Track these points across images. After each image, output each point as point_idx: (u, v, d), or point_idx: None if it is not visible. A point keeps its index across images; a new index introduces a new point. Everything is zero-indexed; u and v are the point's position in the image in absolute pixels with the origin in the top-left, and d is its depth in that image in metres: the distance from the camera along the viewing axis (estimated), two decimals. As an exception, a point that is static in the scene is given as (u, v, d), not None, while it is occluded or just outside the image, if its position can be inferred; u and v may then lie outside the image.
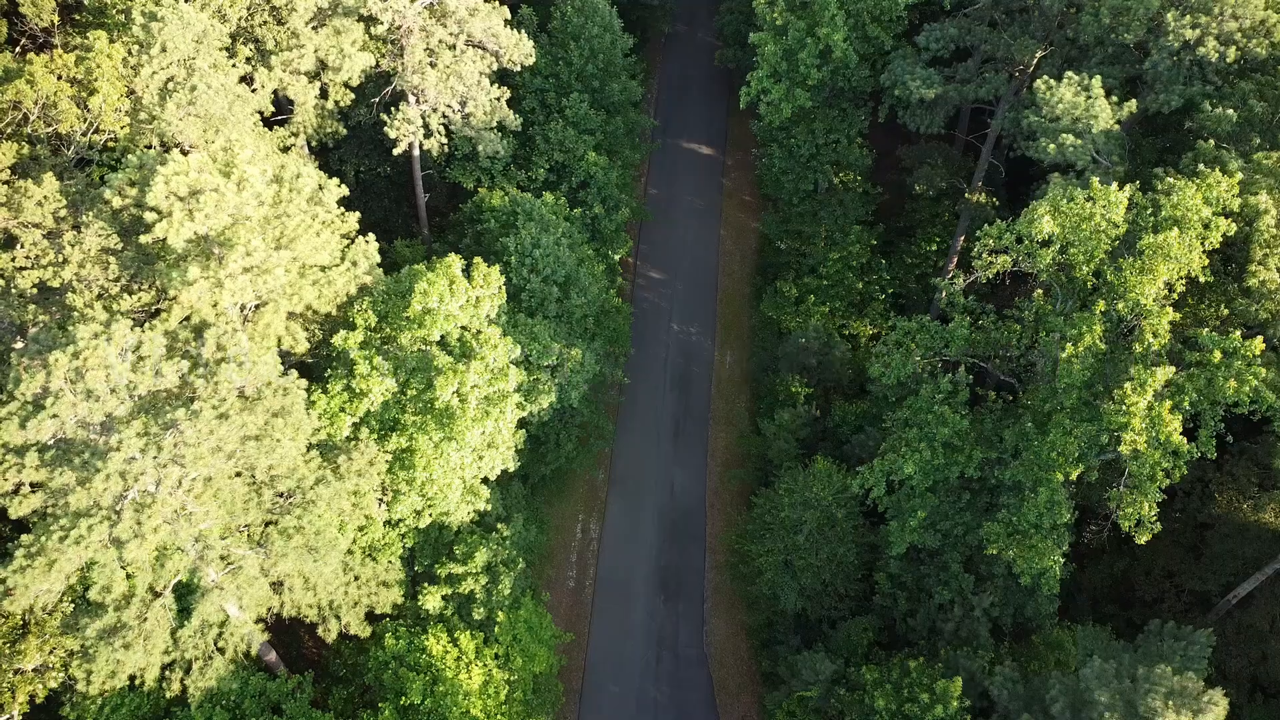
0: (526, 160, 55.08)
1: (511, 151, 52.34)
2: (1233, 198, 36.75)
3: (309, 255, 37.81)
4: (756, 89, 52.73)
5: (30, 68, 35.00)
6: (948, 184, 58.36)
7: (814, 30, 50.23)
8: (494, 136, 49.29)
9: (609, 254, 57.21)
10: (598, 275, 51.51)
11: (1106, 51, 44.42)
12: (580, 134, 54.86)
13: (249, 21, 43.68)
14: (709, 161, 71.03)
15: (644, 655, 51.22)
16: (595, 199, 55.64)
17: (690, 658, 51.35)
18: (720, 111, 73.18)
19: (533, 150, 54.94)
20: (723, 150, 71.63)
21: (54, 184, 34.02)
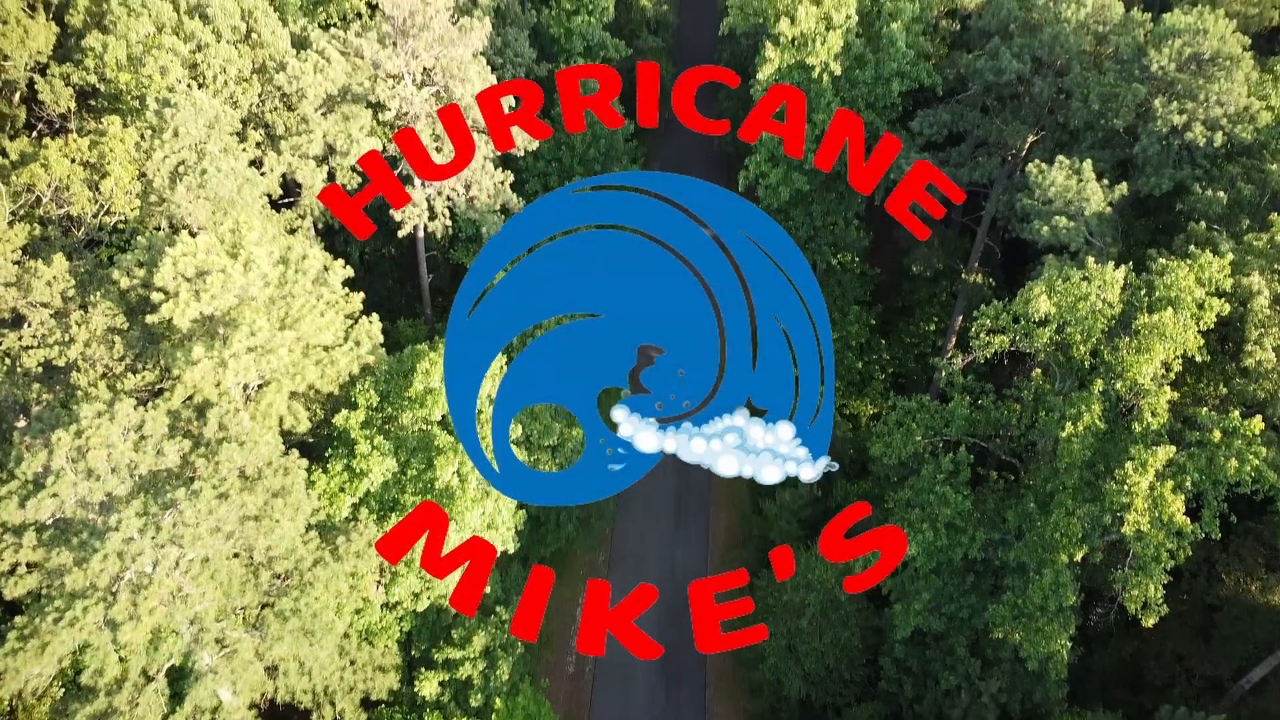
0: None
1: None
2: (1225, 278, 37.28)
3: (313, 335, 38.15)
4: (755, 172, 53.81)
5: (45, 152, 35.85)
6: (945, 265, 59.13)
7: (810, 116, 51.50)
8: (497, 219, 50.11)
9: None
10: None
11: (1097, 136, 45.51)
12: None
13: (260, 107, 44.84)
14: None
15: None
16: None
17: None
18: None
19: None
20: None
21: (63, 264, 34.54)
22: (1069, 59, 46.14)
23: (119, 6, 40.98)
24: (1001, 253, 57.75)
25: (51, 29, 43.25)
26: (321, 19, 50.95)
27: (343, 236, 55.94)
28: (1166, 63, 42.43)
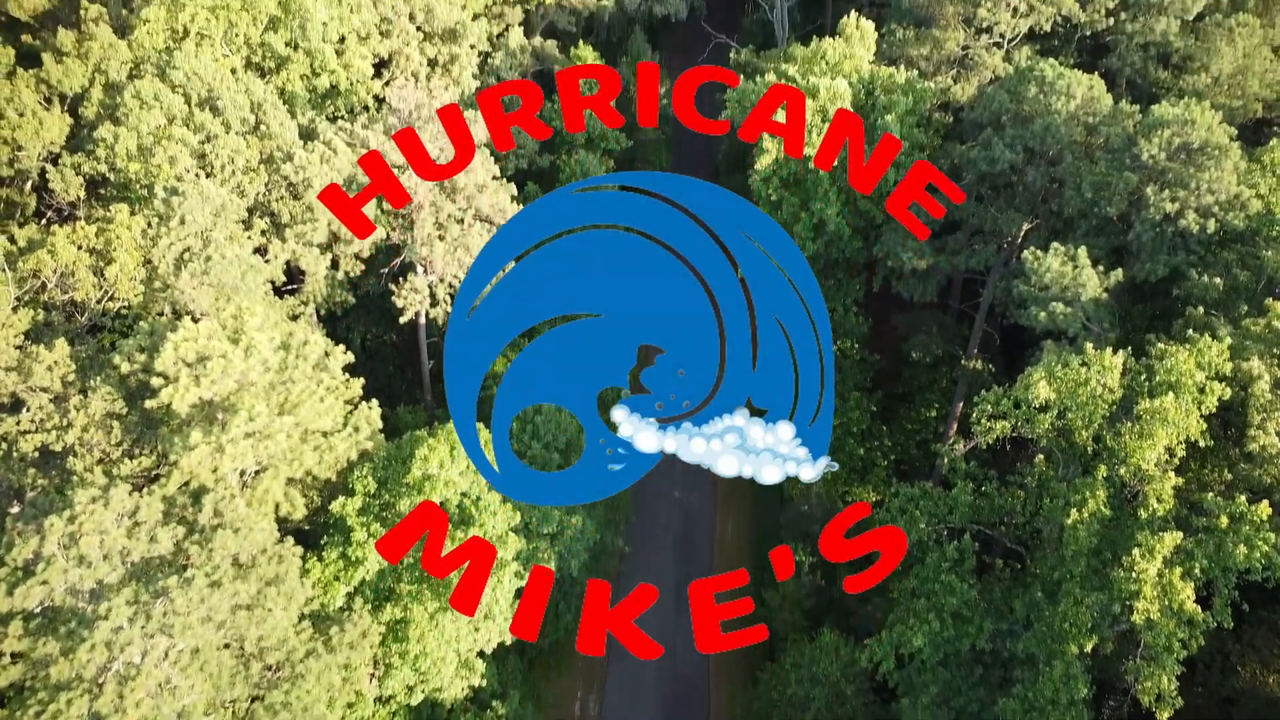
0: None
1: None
2: (1225, 362, 37.32)
3: (311, 421, 38.02)
4: (754, 260, 54.30)
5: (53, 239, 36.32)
6: (944, 351, 59.30)
7: (808, 205, 52.34)
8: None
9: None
10: (599, 441, 51.47)
11: (1091, 224, 46.14)
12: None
13: (266, 196, 45.60)
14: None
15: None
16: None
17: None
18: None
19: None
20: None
21: (65, 349, 34.65)
22: (1061, 149, 47.09)
23: (131, 99, 42.04)
24: (1000, 339, 57.97)
25: (65, 120, 44.32)
26: (329, 112, 52.20)
27: (344, 323, 56.27)
28: (1157, 152, 43.28)
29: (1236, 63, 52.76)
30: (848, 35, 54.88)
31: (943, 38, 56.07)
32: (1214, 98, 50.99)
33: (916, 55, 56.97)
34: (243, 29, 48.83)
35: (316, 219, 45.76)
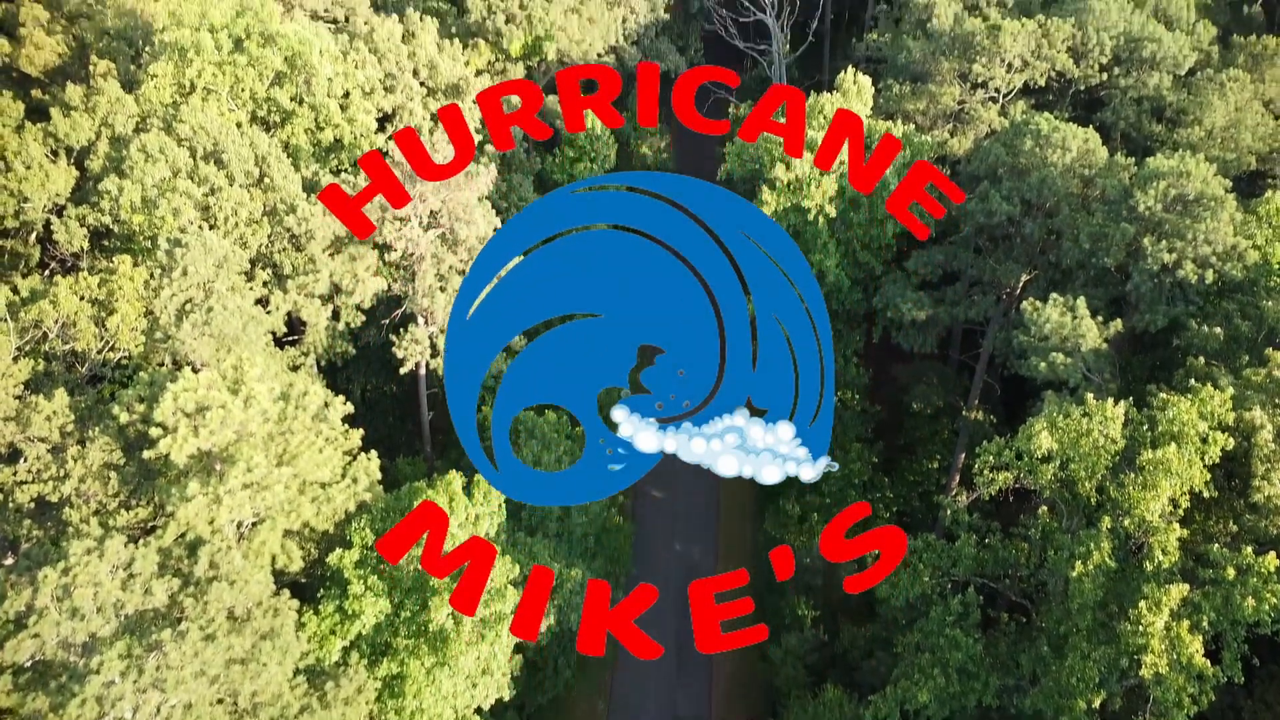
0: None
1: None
2: (1227, 412, 37.21)
3: (310, 472, 37.81)
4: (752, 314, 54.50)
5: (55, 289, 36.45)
6: (945, 402, 59.20)
7: (807, 257, 52.63)
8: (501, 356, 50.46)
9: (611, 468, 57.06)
10: (599, 491, 51.17)
11: (1089, 274, 46.36)
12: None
13: (269, 248, 45.87)
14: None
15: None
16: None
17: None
18: (719, 333, 75.15)
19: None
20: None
21: (64, 399, 34.61)
22: (1058, 201, 47.49)
23: (137, 152, 42.52)
24: (1001, 389, 57.90)
25: (71, 173, 44.78)
26: (333, 165, 52.72)
27: (345, 374, 56.25)
28: (1153, 203, 43.63)
29: (1229, 116, 53.45)
30: (845, 90, 55.67)
31: (939, 93, 56.87)
32: (1208, 150, 51.57)
33: (913, 110, 57.74)
34: (249, 84, 49.53)
35: (318, 270, 45.98)
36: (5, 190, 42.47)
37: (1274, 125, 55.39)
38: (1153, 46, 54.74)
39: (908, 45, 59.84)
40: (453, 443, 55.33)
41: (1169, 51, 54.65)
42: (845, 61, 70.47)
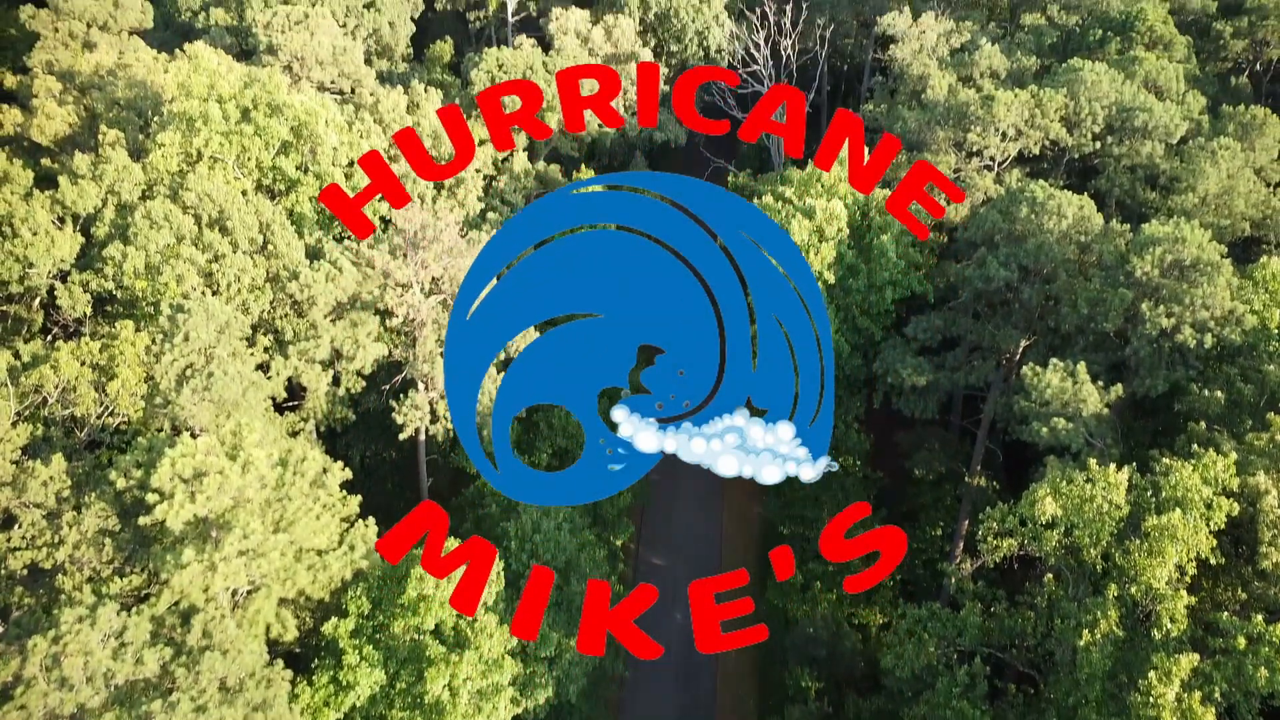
0: (530, 445, 55.91)
1: (515, 436, 53.24)
2: (1231, 478, 36.96)
3: (307, 539, 37.44)
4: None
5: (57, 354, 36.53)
6: (947, 468, 58.85)
7: (807, 323, 52.82)
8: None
9: (611, 539, 56.56)
10: (599, 561, 50.66)
11: (1088, 339, 46.46)
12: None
13: (271, 314, 46.10)
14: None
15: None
16: (597, 483, 55.80)
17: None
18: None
19: (536, 435, 55.90)
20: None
21: (62, 465, 34.44)
22: (1055, 267, 47.82)
23: (142, 219, 43.00)
24: (1003, 455, 57.63)
25: (77, 239, 45.24)
26: (336, 232, 53.30)
27: (344, 440, 56.07)
28: (1150, 269, 43.93)
29: (1221, 183, 54.12)
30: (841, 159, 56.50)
31: (935, 161, 57.68)
32: (1202, 217, 52.11)
33: (910, 178, 58.47)
34: (255, 153, 50.33)
35: (320, 336, 46.13)
36: (11, 256, 42.85)
37: (1266, 192, 56.09)
38: (1144, 116, 55.69)
39: (904, 115, 60.92)
40: (452, 510, 54.87)
41: (1160, 121, 55.58)
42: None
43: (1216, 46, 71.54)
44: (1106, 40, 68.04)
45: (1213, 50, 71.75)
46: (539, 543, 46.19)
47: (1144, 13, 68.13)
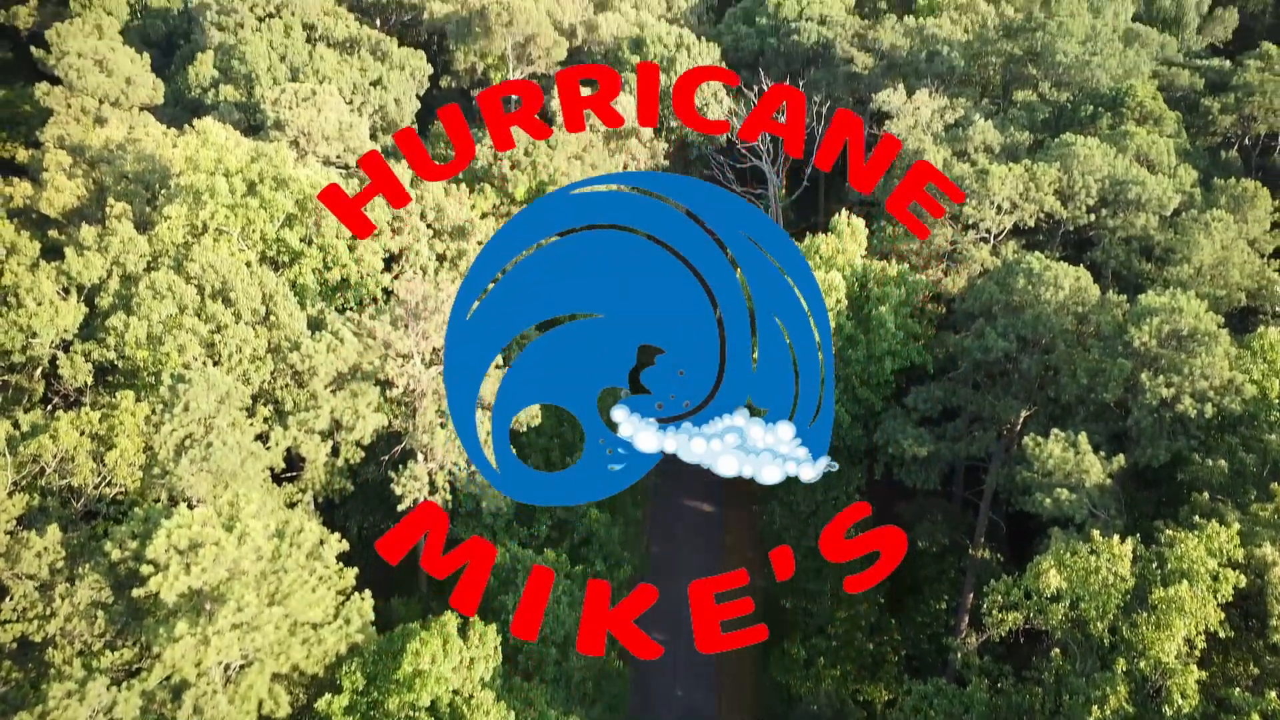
0: (529, 517, 55.48)
1: (514, 508, 52.87)
2: (1236, 549, 36.58)
3: (301, 612, 36.92)
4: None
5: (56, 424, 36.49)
6: (950, 540, 58.25)
7: (807, 393, 52.85)
8: (498, 493, 50.05)
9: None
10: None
11: (1089, 410, 46.42)
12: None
13: (271, 384, 46.17)
14: (709, 518, 71.43)
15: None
16: (597, 555, 55.30)
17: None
18: (720, 469, 74.68)
19: (535, 507, 55.51)
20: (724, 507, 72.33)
21: (57, 535, 34.17)
22: (1053, 337, 48.04)
23: (146, 290, 43.36)
24: (1006, 527, 57.11)
25: (80, 310, 45.56)
26: (339, 303, 53.69)
27: (342, 511, 55.64)
28: (1148, 339, 44.11)
29: (1216, 255, 54.66)
30: (840, 231, 57.20)
31: (932, 233, 58.35)
32: (1198, 288, 52.51)
33: (907, 250, 59.13)
34: (260, 225, 50.98)
35: (320, 406, 46.13)
36: (15, 325, 43.11)
37: (1260, 263, 56.62)
38: (1137, 189, 56.51)
39: (900, 189, 61.75)
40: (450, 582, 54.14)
41: (1153, 193, 56.38)
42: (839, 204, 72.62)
43: (1205, 122, 72.91)
44: (1098, 115, 69.39)
45: (1202, 125, 73.10)
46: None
47: (1133, 89, 69.61)
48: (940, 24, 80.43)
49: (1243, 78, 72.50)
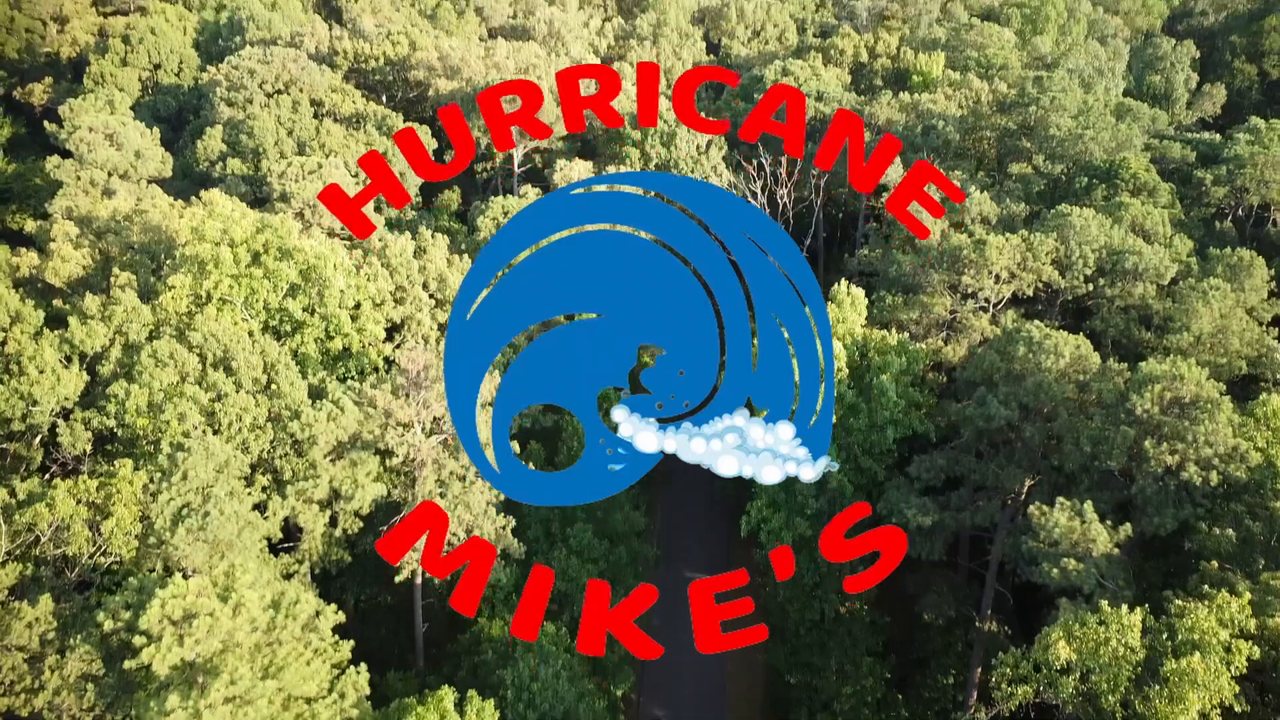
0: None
1: (514, 580, 52.19)
2: (1248, 619, 35.95)
3: (296, 686, 36.14)
4: (756, 518, 53.89)
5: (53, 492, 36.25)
6: (956, 612, 57.33)
7: (808, 464, 52.52)
8: (498, 565, 49.48)
9: (611, 688, 54.59)
10: (599, 712, 48.79)
11: (1093, 478, 46.08)
12: (584, 562, 55.08)
13: (270, 453, 45.96)
14: (713, 591, 70.36)
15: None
16: (597, 628, 54.32)
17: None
18: (721, 540, 74.02)
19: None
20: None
21: (49, 605, 33.67)
22: (1055, 405, 47.92)
23: (148, 358, 43.46)
24: (1013, 598, 56.28)
25: (82, 378, 45.62)
26: (340, 372, 53.78)
27: (339, 582, 54.90)
28: (1150, 406, 44.00)
29: (1215, 323, 54.85)
30: (840, 301, 57.53)
31: (930, 303, 58.72)
32: (1198, 355, 52.56)
33: (907, 319, 59.41)
34: (264, 295, 51.33)
35: (319, 476, 45.86)
36: (16, 393, 43.12)
37: (1260, 331, 56.79)
38: (1134, 258, 57.01)
39: (898, 259, 62.38)
40: (446, 656, 53.24)
41: (1150, 263, 56.86)
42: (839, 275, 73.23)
43: (1199, 193, 73.93)
44: (1092, 187, 70.39)
45: (1195, 197, 74.12)
46: (537, 691, 44.61)
47: (1127, 162, 70.74)
48: (935, 99, 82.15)
49: (1233, 150, 73.76)
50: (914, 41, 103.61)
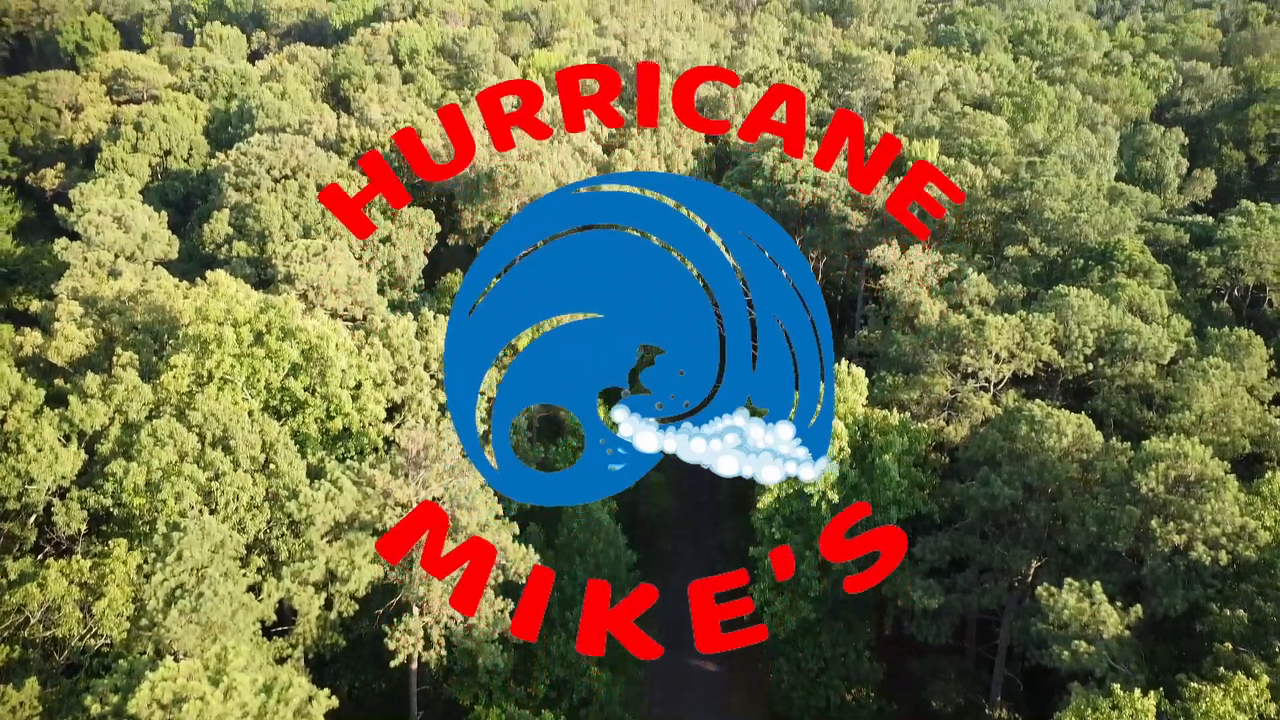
0: (527, 675, 53.45)
1: (512, 665, 51.04)
2: (1266, 703, 35.02)
3: (287, 773, 35.08)
4: (760, 601, 52.96)
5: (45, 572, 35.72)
6: (966, 699, 55.90)
7: (811, 544, 51.92)
8: (495, 649, 48.43)
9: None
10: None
11: (1100, 559, 45.48)
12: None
13: (267, 534, 45.44)
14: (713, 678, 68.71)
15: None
16: (596, 717, 52.96)
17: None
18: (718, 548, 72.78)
19: (534, 664, 53.58)
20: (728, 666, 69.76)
21: (35, 690, 32.85)
22: (1059, 484, 47.55)
23: (147, 437, 43.30)
24: (1023, 683, 54.96)
25: (80, 456, 45.36)
26: (340, 452, 53.50)
27: (333, 668, 53.70)
28: (1155, 485, 43.65)
29: (1217, 401, 54.76)
30: (841, 380, 57.55)
31: (931, 383, 58.73)
32: (1201, 434, 52.32)
33: (908, 399, 59.35)
34: (265, 375, 51.39)
35: (315, 556, 45.25)
36: (13, 471, 42.84)
37: (1261, 410, 56.65)
38: (1133, 338, 57.24)
39: (898, 340, 62.64)
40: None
41: (1150, 342, 57.06)
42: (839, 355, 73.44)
43: (1194, 274, 74.62)
44: (1089, 269, 71.10)
45: (1190, 277, 74.79)
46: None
47: (1122, 244, 71.60)
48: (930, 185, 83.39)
49: (1226, 232, 74.70)
50: (908, 129, 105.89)
